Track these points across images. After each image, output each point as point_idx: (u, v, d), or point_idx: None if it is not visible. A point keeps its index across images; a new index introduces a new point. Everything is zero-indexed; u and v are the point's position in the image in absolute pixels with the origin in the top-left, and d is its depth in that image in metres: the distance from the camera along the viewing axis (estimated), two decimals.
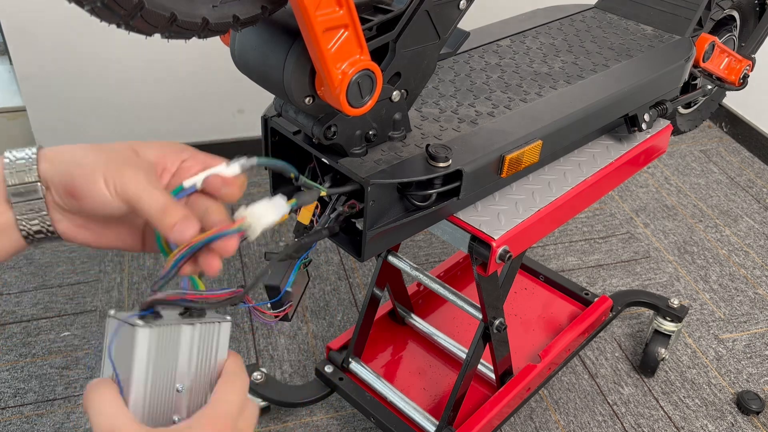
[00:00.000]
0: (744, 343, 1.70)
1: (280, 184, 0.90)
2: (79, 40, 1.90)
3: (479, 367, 1.31)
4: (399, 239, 0.86)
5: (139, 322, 0.45)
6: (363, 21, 0.70)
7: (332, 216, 0.79)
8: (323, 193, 0.69)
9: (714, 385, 1.59)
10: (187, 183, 0.53)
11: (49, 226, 0.51)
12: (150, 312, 0.47)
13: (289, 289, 0.73)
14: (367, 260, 0.81)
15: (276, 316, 0.71)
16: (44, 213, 0.50)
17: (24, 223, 0.50)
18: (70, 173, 0.50)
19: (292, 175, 0.59)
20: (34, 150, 0.50)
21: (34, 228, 0.51)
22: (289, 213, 0.56)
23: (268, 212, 0.53)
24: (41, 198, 0.50)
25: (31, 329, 1.63)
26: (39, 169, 0.50)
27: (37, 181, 0.49)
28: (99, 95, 2.01)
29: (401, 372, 1.35)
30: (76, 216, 0.52)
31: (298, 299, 0.77)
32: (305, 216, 0.77)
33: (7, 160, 0.50)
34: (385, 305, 1.42)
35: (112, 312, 0.47)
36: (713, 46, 1.21)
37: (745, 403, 1.51)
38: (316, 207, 0.78)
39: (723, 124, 2.60)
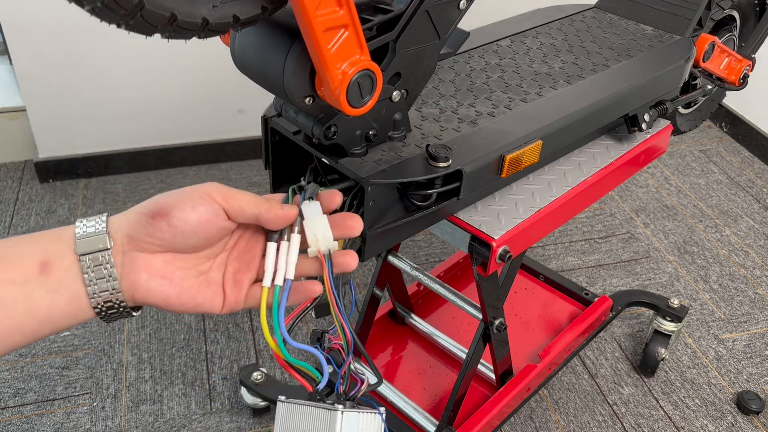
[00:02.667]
0: (744, 343, 1.70)
1: (281, 184, 0.90)
2: (79, 40, 1.90)
3: (479, 367, 1.31)
4: (399, 239, 0.86)
5: (339, 406, 0.48)
6: (363, 21, 0.70)
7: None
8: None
9: (714, 385, 1.59)
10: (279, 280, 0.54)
11: (115, 283, 0.49)
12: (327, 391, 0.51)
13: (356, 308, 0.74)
14: (367, 260, 0.81)
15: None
16: (111, 267, 0.49)
17: (92, 285, 0.49)
18: (156, 200, 0.51)
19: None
20: (104, 215, 0.51)
21: (101, 288, 0.49)
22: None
23: (318, 223, 0.54)
24: (108, 249, 0.49)
25: None
26: (109, 223, 0.50)
27: (104, 233, 0.49)
28: (99, 95, 2.01)
29: (401, 372, 1.35)
30: (156, 258, 0.51)
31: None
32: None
33: (78, 224, 0.50)
34: (385, 305, 1.42)
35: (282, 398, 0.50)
36: (713, 46, 1.21)
37: (745, 403, 1.51)
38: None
39: (723, 124, 2.60)
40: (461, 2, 0.79)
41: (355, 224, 0.57)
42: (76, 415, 1.44)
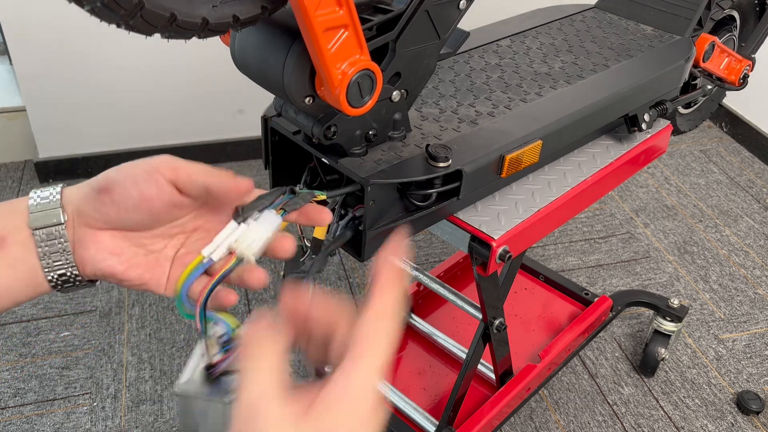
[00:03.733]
0: (744, 343, 1.70)
1: (281, 184, 0.90)
2: (79, 40, 1.90)
3: (479, 367, 1.31)
4: None
5: (226, 399, 0.45)
6: (363, 21, 0.70)
7: (341, 223, 0.79)
8: (321, 197, 0.68)
9: (714, 385, 1.59)
10: (206, 252, 0.53)
11: (69, 257, 0.50)
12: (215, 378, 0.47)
13: None
14: (367, 260, 0.81)
15: None
16: (65, 241, 0.49)
17: (46, 258, 0.49)
18: (105, 175, 0.50)
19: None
20: (59, 186, 0.51)
21: (55, 260, 0.49)
22: (283, 221, 0.55)
23: (258, 234, 0.52)
24: (62, 224, 0.49)
25: (31, 329, 1.63)
26: (63, 196, 0.50)
27: (57, 207, 0.49)
28: (99, 95, 2.01)
29: (401, 372, 1.35)
30: (105, 235, 0.51)
31: None
32: (320, 231, 0.77)
33: (32, 196, 0.50)
34: None
35: (178, 390, 0.46)
36: (713, 46, 1.21)
37: (745, 403, 1.51)
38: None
39: (723, 124, 2.60)
40: (461, 2, 0.79)
41: (324, 217, 0.56)
42: (76, 415, 1.44)
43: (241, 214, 0.53)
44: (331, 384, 0.40)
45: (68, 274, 0.50)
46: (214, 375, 0.47)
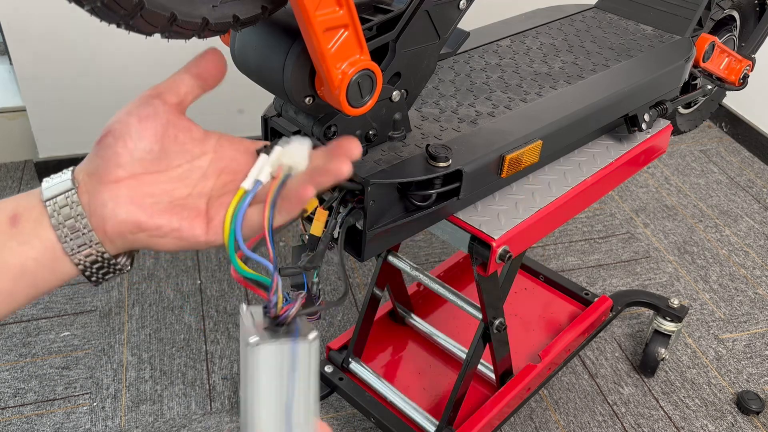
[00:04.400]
0: (744, 343, 1.70)
1: None
2: (79, 41, 1.90)
3: (479, 367, 1.31)
4: (399, 239, 0.86)
5: (253, 339, 0.43)
6: (363, 21, 0.70)
7: (338, 219, 0.79)
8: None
9: (714, 385, 1.59)
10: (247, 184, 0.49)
11: (83, 221, 0.46)
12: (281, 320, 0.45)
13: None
14: (367, 260, 0.81)
15: None
16: (77, 205, 0.46)
17: (60, 228, 0.46)
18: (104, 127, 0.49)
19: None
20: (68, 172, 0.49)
21: (70, 227, 0.46)
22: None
23: (298, 148, 0.49)
24: (72, 189, 0.47)
25: (31, 329, 1.63)
26: (75, 169, 0.48)
27: (69, 178, 0.47)
28: (99, 95, 2.01)
29: (401, 372, 1.35)
30: (120, 185, 0.47)
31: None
32: (317, 228, 0.77)
33: (45, 183, 0.48)
34: (385, 305, 1.42)
35: (258, 345, 0.44)
36: (713, 46, 1.21)
37: (745, 403, 1.51)
38: (329, 216, 0.78)
39: (723, 124, 2.60)
40: (461, 2, 0.79)
41: (352, 147, 0.50)
42: (76, 415, 1.44)
43: (269, 145, 0.50)
44: None
45: (87, 243, 0.46)
46: (286, 322, 0.45)
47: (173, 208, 0.48)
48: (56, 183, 0.48)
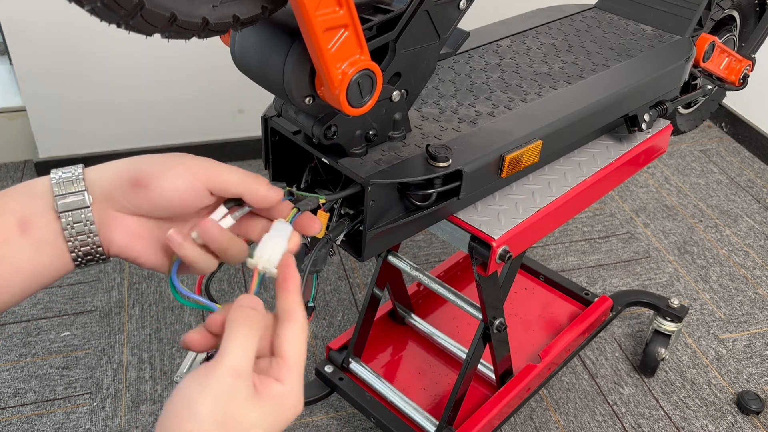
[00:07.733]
0: (744, 343, 1.70)
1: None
2: (79, 40, 1.90)
3: (479, 367, 1.31)
4: (399, 239, 0.86)
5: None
6: (363, 21, 0.70)
7: (339, 221, 0.80)
8: (322, 201, 0.68)
9: (714, 385, 1.59)
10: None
11: (95, 238, 0.51)
12: None
13: (311, 304, 0.73)
14: (367, 260, 0.81)
15: None
16: (91, 224, 0.50)
17: (72, 240, 0.50)
18: (137, 166, 0.51)
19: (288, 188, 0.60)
20: (79, 167, 0.52)
21: (81, 242, 0.51)
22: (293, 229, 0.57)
23: (276, 246, 0.54)
24: (88, 207, 0.50)
25: (31, 329, 1.63)
26: (86, 178, 0.51)
27: (83, 190, 0.50)
28: (99, 95, 2.01)
29: (401, 372, 1.35)
30: (132, 219, 0.52)
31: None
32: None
33: (53, 177, 0.51)
34: (385, 305, 1.42)
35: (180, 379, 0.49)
36: (713, 46, 1.21)
37: (745, 403, 1.51)
38: (329, 219, 0.78)
39: (723, 124, 2.60)
40: (461, 2, 0.79)
41: (313, 225, 0.58)
42: (76, 415, 1.44)
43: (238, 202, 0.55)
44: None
45: (93, 252, 0.51)
46: None
47: (167, 247, 0.54)
48: (68, 192, 0.50)
